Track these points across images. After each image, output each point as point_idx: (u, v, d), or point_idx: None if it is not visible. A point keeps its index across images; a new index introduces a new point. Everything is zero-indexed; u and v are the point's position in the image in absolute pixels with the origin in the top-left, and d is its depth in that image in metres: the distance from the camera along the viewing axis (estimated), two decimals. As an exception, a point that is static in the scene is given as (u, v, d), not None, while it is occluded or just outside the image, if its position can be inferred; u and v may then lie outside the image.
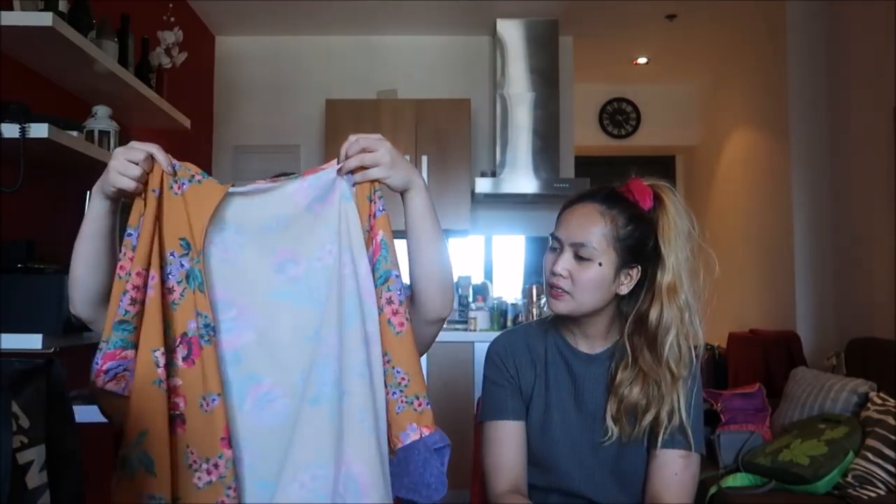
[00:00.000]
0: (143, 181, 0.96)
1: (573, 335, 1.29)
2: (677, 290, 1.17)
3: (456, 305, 4.01)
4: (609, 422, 1.22)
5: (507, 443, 1.27)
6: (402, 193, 1.07)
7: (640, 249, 1.20)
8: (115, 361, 0.95)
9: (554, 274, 1.21)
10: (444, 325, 1.22)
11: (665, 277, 1.18)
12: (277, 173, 1.28)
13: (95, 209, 1.00)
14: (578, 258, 1.19)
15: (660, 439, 1.19)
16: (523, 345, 1.33)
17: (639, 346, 1.20)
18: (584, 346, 1.29)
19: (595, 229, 1.19)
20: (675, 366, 1.17)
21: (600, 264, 1.18)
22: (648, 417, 1.19)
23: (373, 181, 1.02)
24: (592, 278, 1.18)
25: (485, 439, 1.30)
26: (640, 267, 1.21)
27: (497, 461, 1.27)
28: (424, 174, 3.99)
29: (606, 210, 1.20)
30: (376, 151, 1.01)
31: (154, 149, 0.97)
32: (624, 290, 1.21)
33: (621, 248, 1.19)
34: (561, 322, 1.31)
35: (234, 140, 4.39)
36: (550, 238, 1.26)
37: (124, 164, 0.94)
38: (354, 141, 1.02)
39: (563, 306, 1.21)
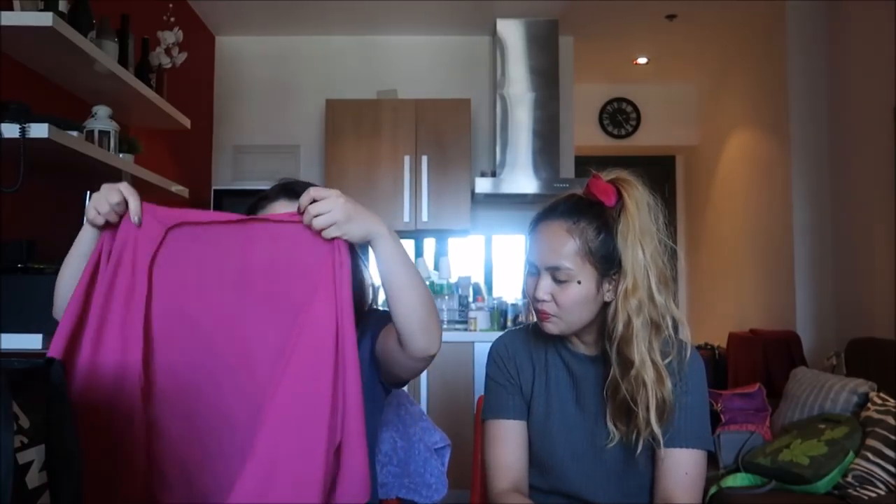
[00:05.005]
0: (111, 219, 1.02)
1: (571, 340, 1.29)
2: (628, 292, 1.14)
3: (456, 305, 4.01)
4: (610, 424, 1.21)
5: (508, 441, 1.27)
6: (369, 244, 1.06)
7: (617, 254, 1.16)
8: None
9: (537, 300, 1.20)
10: (444, 326, 1.23)
11: (621, 277, 1.15)
12: (286, 181, 1.32)
13: (81, 233, 1.08)
14: (557, 280, 1.17)
15: (662, 439, 1.16)
16: (524, 345, 1.33)
17: (612, 347, 1.18)
18: (583, 349, 1.28)
19: (566, 249, 1.16)
20: (635, 370, 1.14)
21: (579, 282, 1.16)
22: (639, 416, 1.16)
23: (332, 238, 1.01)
24: (575, 298, 1.17)
25: (486, 438, 1.31)
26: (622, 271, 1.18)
27: (498, 460, 1.27)
28: (424, 174, 3.99)
29: (573, 225, 1.17)
30: (330, 211, 0.99)
31: (131, 197, 1.02)
32: (611, 297, 1.19)
33: (597, 261, 1.16)
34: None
35: (233, 140, 4.38)
36: (526, 263, 1.24)
37: (97, 200, 1.01)
38: (308, 201, 1.01)
39: (555, 328, 1.21)
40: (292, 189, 1.27)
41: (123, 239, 1.01)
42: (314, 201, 1.01)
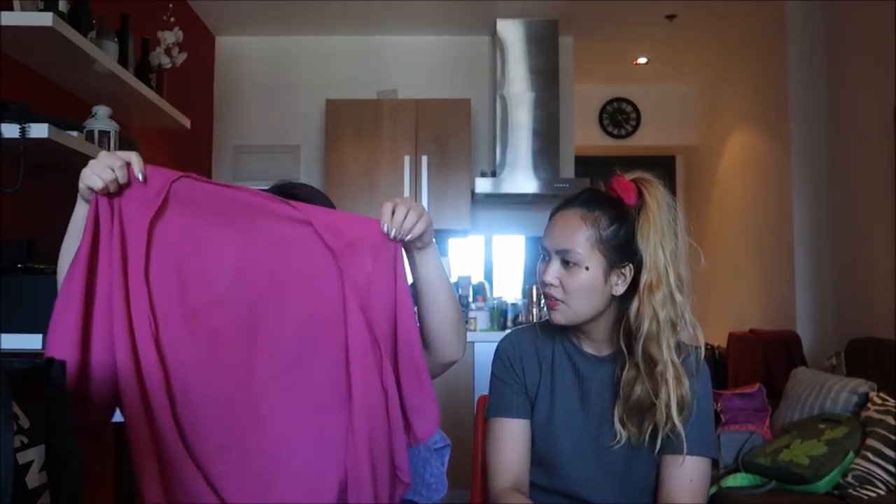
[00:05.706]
0: (114, 186, 1.01)
1: (579, 339, 1.29)
2: (653, 286, 1.15)
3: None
4: (617, 425, 1.21)
5: (511, 440, 1.27)
6: (418, 250, 1.15)
7: (629, 247, 1.18)
8: None
9: (545, 283, 1.22)
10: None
11: (643, 274, 1.17)
12: (281, 183, 1.32)
13: (77, 211, 1.11)
14: (566, 265, 1.19)
15: (672, 444, 1.17)
16: (531, 345, 1.33)
17: (632, 345, 1.19)
18: (590, 349, 1.28)
19: (578, 234, 1.18)
20: (662, 366, 1.15)
21: (587, 269, 1.17)
22: (652, 419, 1.18)
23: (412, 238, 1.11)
24: (581, 284, 1.18)
25: (489, 436, 1.31)
26: (632, 265, 1.19)
27: (500, 458, 1.27)
28: (424, 174, 4.00)
29: (588, 213, 1.19)
30: (419, 211, 1.10)
31: (132, 156, 1.03)
32: (619, 291, 1.20)
33: (607, 249, 1.18)
34: (566, 325, 1.30)
35: (234, 140, 4.39)
36: (541, 248, 1.26)
37: (97, 166, 1.01)
38: (398, 205, 1.09)
39: (561, 317, 1.22)
40: (288, 192, 1.27)
41: (126, 199, 1.02)
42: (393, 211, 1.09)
